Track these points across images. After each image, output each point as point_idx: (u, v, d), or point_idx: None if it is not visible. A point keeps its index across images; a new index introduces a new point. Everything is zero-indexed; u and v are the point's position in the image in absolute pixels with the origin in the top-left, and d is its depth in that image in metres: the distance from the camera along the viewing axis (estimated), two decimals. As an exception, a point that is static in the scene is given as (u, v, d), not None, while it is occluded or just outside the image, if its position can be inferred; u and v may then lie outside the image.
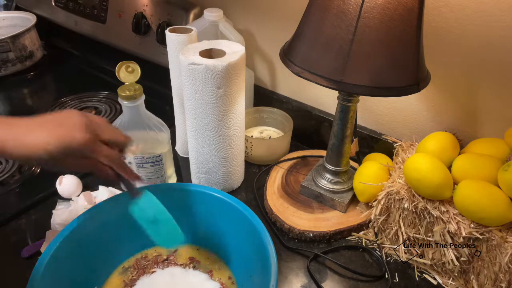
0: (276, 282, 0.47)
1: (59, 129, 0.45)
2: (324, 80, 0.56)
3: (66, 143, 0.45)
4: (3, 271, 0.62)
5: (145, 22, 1.01)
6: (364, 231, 0.70)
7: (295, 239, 0.68)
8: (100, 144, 0.49)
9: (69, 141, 0.45)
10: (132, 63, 0.64)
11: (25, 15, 1.25)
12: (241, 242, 0.58)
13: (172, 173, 0.77)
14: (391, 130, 0.80)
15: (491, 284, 0.56)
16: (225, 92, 0.64)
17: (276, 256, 0.51)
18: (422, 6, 0.53)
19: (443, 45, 0.67)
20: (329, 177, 0.73)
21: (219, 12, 0.81)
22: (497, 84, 0.64)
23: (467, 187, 0.55)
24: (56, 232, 0.60)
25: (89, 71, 1.23)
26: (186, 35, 0.72)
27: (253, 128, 0.91)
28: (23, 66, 1.19)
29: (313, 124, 0.89)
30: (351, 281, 0.62)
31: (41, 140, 0.44)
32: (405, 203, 0.60)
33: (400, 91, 0.55)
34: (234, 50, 0.66)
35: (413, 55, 0.55)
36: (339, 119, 0.67)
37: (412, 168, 0.58)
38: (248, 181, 0.80)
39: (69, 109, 0.50)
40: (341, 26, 0.53)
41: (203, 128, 0.68)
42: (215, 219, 0.61)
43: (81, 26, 1.20)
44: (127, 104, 0.64)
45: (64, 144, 0.45)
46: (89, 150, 0.47)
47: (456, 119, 0.71)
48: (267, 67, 0.94)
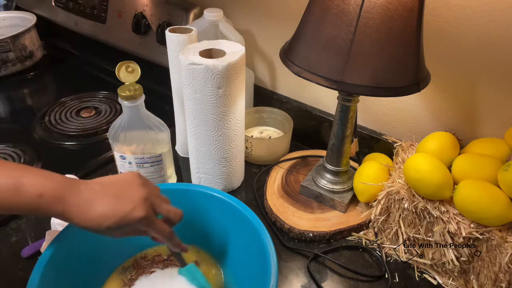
0: (276, 282, 0.47)
1: (119, 203, 0.46)
2: (324, 80, 0.56)
3: (126, 220, 0.46)
4: (3, 271, 0.62)
5: (145, 22, 1.01)
6: (364, 231, 0.70)
7: (295, 239, 0.68)
8: (155, 219, 0.50)
9: (128, 218, 0.46)
10: (132, 63, 0.64)
11: (25, 15, 1.25)
12: (241, 242, 0.58)
13: (172, 173, 0.77)
14: (391, 130, 0.80)
15: (491, 284, 0.56)
16: (225, 92, 0.64)
17: (276, 256, 0.51)
18: (422, 6, 0.53)
19: (443, 45, 0.67)
20: (329, 177, 0.73)
21: (219, 12, 0.81)
22: (497, 84, 0.64)
23: (467, 187, 0.55)
24: (56, 232, 0.59)
25: (89, 71, 1.23)
26: (186, 35, 0.72)
27: (253, 128, 0.91)
28: (23, 66, 1.19)
29: (313, 124, 0.89)
30: (351, 281, 0.62)
31: (103, 215, 0.45)
32: (405, 203, 0.60)
33: (400, 91, 0.55)
34: (234, 50, 0.66)
35: (413, 55, 0.55)
36: (339, 119, 0.67)
37: (412, 168, 0.58)
38: (248, 181, 0.80)
39: (131, 173, 0.51)
40: (341, 26, 0.53)
41: (203, 128, 0.68)
42: (215, 219, 0.61)
43: (81, 26, 1.20)
44: (127, 104, 0.64)
45: (123, 221, 0.46)
46: (145, 225, 0.48)
47: (456, 119, 0.71)
48: (267, 67, 0.94)
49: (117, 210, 0.46)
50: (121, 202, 0.47)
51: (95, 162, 0.82)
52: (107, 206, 0.46)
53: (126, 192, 0.48)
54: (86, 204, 0.45)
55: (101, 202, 0.46)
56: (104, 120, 0.97)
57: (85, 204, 0.45)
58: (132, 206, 0.47)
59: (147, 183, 0.51)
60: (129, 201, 0.47)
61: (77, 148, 0.90)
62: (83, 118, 0.98)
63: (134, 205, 0.47)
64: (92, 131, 0.93)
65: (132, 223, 0.47)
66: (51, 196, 0.44)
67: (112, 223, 0.45)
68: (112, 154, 0.72)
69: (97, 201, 0.46)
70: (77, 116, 0.99)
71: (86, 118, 0.98)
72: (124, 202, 0.47)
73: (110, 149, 0.74)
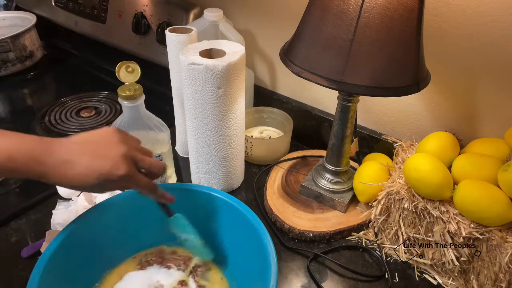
0: (276, 282, 0.47)
1: (99, 161, 0.45)
2: (324, 80, 0.56)
3: (107, 177, 0.45)
4: (3, 271, 0.62)
5: (145, 22, 1.01)
6: (364, 231, 0.70)
7: (295, 239, 0.68)
8: (138, 174, 0.49)
9: (109, 175, 0.45)
10: (132, 63, 0.64)
11: (25, 15, 1.25)
12: (241, 242, 0.58)
13: (172, 173, 0.77)
14: (391, 130, 0.80)
15: (491, 284, 0.56)
16: (225, 92, 0.64)
17: (276, 256, 0.51)
18: (422, 6, 0.53)
19: (443, 45, 0.67)
20: (329, 177, 0.73)
21: (219, 12, 0.81)
22: (497, 84, 0.64)
23: (467, 187, 0.55)
24: (56, 232, 0.59)
25: (89, 71, 1.23)
26: (186, 35, 0.72)
27: (253, 128, 0.91)
28: (23, 66, 1.19)
29: (313, 124, 0.89)
30: (351, 281, 0.62)
31: (82, 174, 0.45)
32: (405, 203, 0.60)
33: (400, 91, 0.55)
34: (234, 50, 0.66)
35: (413, 55, 0.55)
36: (339, 119, 0.67)
37: (412, 168, 0.58)
38: (248, 181, 0.80)
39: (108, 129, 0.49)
40: (341, 26, 0.53)
41: (203, 128, 0.68)
42: (215, 219, 0.61)
43: (81, 26, 1.20)
44: (127, 104, 0.64)
45: (105, 178, 0.45)
46: (127, 181, 0.48)
47: (456, 119, 0.71)
48: (267, 67, 0.94)
49: (96, 169, 0.45)
50: (100, 160, 0.45)
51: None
52: (85, 165, 0.45)
53: (105, 150, 0.46)
54: (64, 164, 0.44)
55: (79, 161, 0.45)
56: (104, 120, 0.97)
57: (63, 164, 0.44)
58: (111, 164, 0.45)
59: (126, 138, 0.49)
60: (108, 159, 0.46)
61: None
62: (83, 118, 0.98)
63: (113, 163, 0.46)
64: (92, 131, 0.93)
65: (114, 181, 0.46)
66: (23, 158, 0.43)
67: (93, 182, 0.45)
68: (112, 154, 0.72)
69: (74, 160, 0.45)
70: (77, 116, 0.99)
71: (86, 118, 0.98)
72: (103, 160, 0.45)
73: (110, 149, 0.74)
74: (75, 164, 0.45)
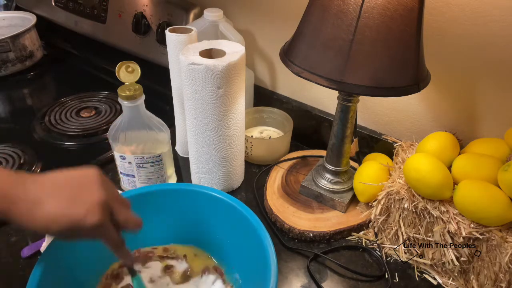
0: (276, 282, 0.47)
1: (72, 206, 0.41)
2: (324, 80, 0.56)
3: (77, 224, 0.41)
4: (3, 271, 0.62)
5: (145, 22, 1.01)
6: (364, 231, 0.70)
7: (295, 239, 0.68)
8: (110, 226, 0.45)
9: (81, 223, 0.41)
10: (132, 63, 0.64)
11: (25, 15, 1.25)
12: (240, 242, 0.58)
13: (172, 173, 0.77)
14: (391, 130, 0.80)
15: (491, 284, 0.56)
16: (225, 92, 0.64)
17: (276, 256, 0.51)
18: (422, 6, 0.53)
19: (443, 45, 0.67)
20: (329, 177, 0.73)
21: (219, 12, 0.81)
22: (497, 84, 0.64)
23: (467, 187, 0.55)
24: (56, 232, 0.59)
25: (89, 71, 1.23)
26: (186, 35, 0.72)
27: (253, 128, 0.91)
28: (23, 66, 1.19)
29: (313, 124, 0.89)
30: (351, 281, 0.62)
31: (50, 217, 0.41)
32: (405, 203, 0.60)
33: (400, 91, 0.55)
34: (234, 50, 0.66)
35: (413, 55, 0.55)
36: (339, 119, 0.67)
37: (412, 168, 0.58)
38: (248, 181, 0.80)
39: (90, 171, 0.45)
40: (341, 26, 0.53)
41: (203, 128, 0.68)
42: (214, 219, 0.61)
43: (81, 26, 1.20)
44: (127, 104, 0.64)
45: (74, 226, 0.41)
46: (97, 232, 0.43)
47: (456, 119, 0.71)
48: (267, 67, 0.94)
49: (68, 214, 0.41)
50: (73, 205, 0.41)
51: (95, 162, 0.82)
52: (57, 208, 0.41)
53: (81, 194, 0.42)
54: (33, 204, 0.40)
55: (50, 203, 0.41)
56: (104, 120, 0.97)
57: (32, 203, 0.40)
58: (85, 211, 0.41)
59: (106, 184, 0.45)
60: (83, 204, 0.42)
61: (77, 148, 0.90)
62: (83, 118, 0.98)
63: (87, 210, 0.41)
64: (92, 131, 0.93)
65: (83, 229, 0.42)
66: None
67: (62, 227, 0.41)
68: (112, 154, 0.72)
69: (46, 201, 0.41)
70: (77, 116, 0.99)
71: (86, 118, 0.98)
72: (77, 205, 0.41)
73: (110, 149, 0.75)
74: (45, 204, 0.40)
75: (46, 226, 0.41)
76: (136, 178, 0.71)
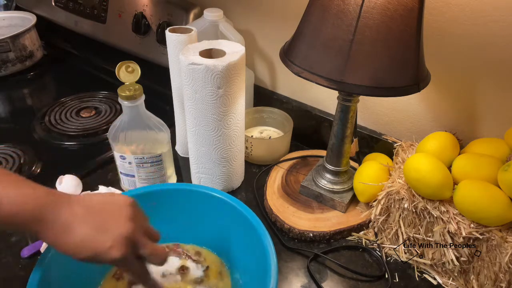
0: (276, 282, 0.47)
1: (98, 236, 0.42)
2: (324, 80, 0.56)
3: (100, 256, 0.42)
4: (3, 271, 0.62)
5: (145, 22, 1.01)
6: (364, 231, 0.70)
7: (295, 239, 0.68)
8: (133, 260, 0.45)
9: (103, 255, 0.42)
10: (132, 63, 0.64)
11: (25, 15, 1.25)
12: (240, 242, 0.58)
13: (172, 173, 0.77)
14: (391, 130, 0.80)
15: (491, 284, 0.56)
16: (225, 92, 0.64)
17: (276, 256, 0.51)
18: (422, 6, 0.53)
19: (443, 45, 0.67)
20: (329, 177, 0.73)
21: (219, 12, 0.81)
22: (497, 84, 0.64)
23: (467, 187, 0.55)
24: (56, 232, 0.59)
25: (89, 71, 1.23)
26: (186, 35, 0.72)
27: (253, 128, 0.91)
28: (23, 66, 1.19)
29: (313, 124, 0.89)
30: (351, 281, 0.62)
31: (77, 245, 0.42)
32: (405, 203, 0.60)
33: (400, 91, 0.55)
34: (234, 50, 0.66)
35: (413, 55, 0.55)
36: (339, 119, 0.67)
37: (412, 168, 0.58)
38: (248, 181, 0.80)
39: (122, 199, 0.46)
40: (341, 26, 0.53)
41: (203, 128, 0.68)
42: (214, 219, 0.61)
43: (81, 26, 1.20)
44: (127, 104, 0.64)
45: (98, 257, 0.42)
46: (120, 265, 0.45)
47: (456, 119, 0.71)
48: (267, 67, 0.94)
49: (93, 244, 0.42)
50: (100, 235, 0.42)
51: (95, 162, 0.82)
52: (84, 236, 0.42)
53: (109, 224, 0.43)
54: (63, 229, 0.42)
55: (78, 230, 0.42)
56: (104, 120, 0.97)
57: (62, 228, 0.42)
58: (110, 243, 0.42)
59: (136, 216, 0.46)
60: (109, 236, 0.43)
61: (77, 148, 0.90)
62: (83, 118, 0.98)
63: (112, 243, 0.42)
64: (92, 131, 0.93)
65: (107, 261, 0.43)
66: (27, 215, 0.41)
67: (86, 256, 0.42)
68: (112, 154, 0.72)
69: (75, 227, 0.42)
70: (77, 116, 0.99)
71: (86, 118, 0.98)
72: (104, 236, 0.42)
73: (110, 149, 0.75)
74: (73, 231, 0.42)
75: (72, 253, 0.42)
76: (136, 178, 0.71)
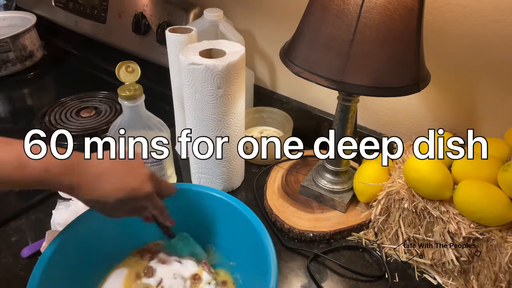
0: (276, 282, 0.47)
1: (129, 178, 0.49)
2: (324, 80, 0.56)
3: (136, 192, 0.49)
4: (3, 271, 0.62)
5: (145, 22, 1.01)
6: (364, 231, 0.70)
7: (295, 239, 0.68)
8: (156, 196, 0.53)
9: (138, 191, 0.49)
10: (132, 63, 0.64)
11: (25, 15, 1.25)
12: (241, 242, 0.58)
13: (172, 173, 0.77)
14: (391, 130, 0.80)
15: (491, 284, 0.56)
16: (225, 92, 0.64)
17: (276, 256, 0.51)
18: (422, 6, 0.53)
19: (443, 45, 0.67)
20: (329, 177, 0.73)
21: (219, 12, 0.81)
22: (497, 84, 0.64)
23: (467, 187, 0.55)
24: (56, 232, 0.59)
25: (89, 71, 1.24)
26: (186, 35, 0.72)
27: (253, 128, 0.91)
28: (23, 66, 1.19)
29: (313, 124, 0.89)
30: (351, 281, 0.62)
31: (115, 188, 0.48)
32: (405, 203, 0.60)
33: (400, 91, 0.55)
34: (234, 50, 0.66)
35: (413, 55, 0.55)
36: (339, 119, 0.67)
37: (412, 168, 0.58)
38: (248, 181, 0.80)
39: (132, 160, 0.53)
40: (341, 26, 0.53)
41: (203, 128, 0.68)
42: (214, 219, 0.61)
43: (81, 26, 1.20)
44: (127, 104, 0.64)
45: (133, 195, 0.49)
46: (149, 200, 0.52)
47: (456, 119, 0.71)
48: (267, 67, 0.94)
49: (128, 184, 0.49)
50: (130, 178, 0.49)
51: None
52: (118, 179, 0.48)
53: (133, 170, 0.50)
54: (98, 177, 0.47)
55: (111, 177, 0.48)
56: (104, 120, 0.97)
57: (97, 177, 0.47)
58: (140, 181, 0.50)
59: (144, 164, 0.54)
60: (137, 176, 0.50)
61: (77, 148, 0.89)
62: (83, 118, 0.98)
63: (142, 180, 0.50)
64: (92, 131, 0.93)
65: (140, 197, 0.50)
66: (58, 169, 0.44)
67: (123, 196, 0.48)
68: (112, 154, 0.72)
69: (107, 176, 0.48)
70: (77, 116, 0.99)
71: (86, 118, 0.98)
72: (133, 178, 0.49)
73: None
74: (107, 179, 0.48)
75: (108, 196, 0.47)
76: (136, 178, 0.71)
